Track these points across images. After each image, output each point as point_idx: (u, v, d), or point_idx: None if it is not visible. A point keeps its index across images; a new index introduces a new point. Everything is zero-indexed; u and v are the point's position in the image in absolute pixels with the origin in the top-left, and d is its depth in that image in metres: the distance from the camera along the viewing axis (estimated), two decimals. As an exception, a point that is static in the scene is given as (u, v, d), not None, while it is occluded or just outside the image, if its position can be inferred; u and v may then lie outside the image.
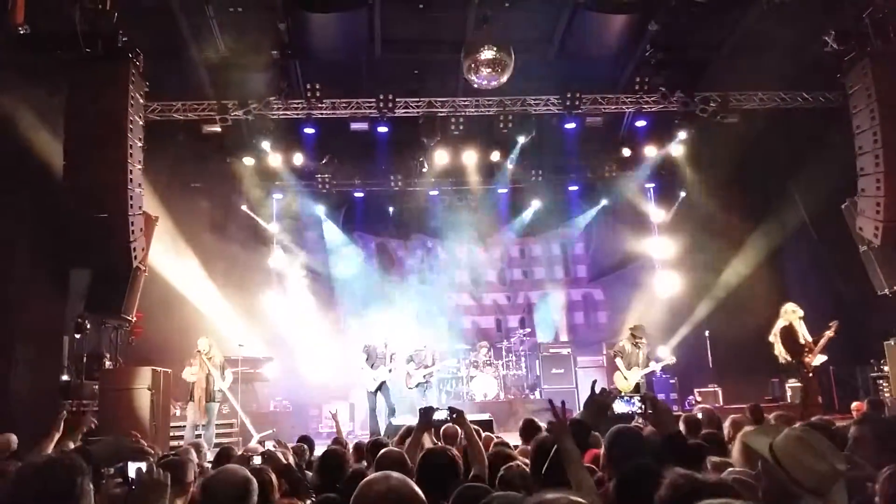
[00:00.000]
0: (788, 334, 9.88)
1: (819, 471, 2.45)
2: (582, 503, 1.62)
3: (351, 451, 5.76)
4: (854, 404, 8.65)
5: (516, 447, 5.43)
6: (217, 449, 6.16)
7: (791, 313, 10.03)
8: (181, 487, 3.51)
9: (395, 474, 2.03)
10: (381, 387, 11.09)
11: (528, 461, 3.71)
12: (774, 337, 10.19)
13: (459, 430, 5.28)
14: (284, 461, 4.64)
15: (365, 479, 2.02)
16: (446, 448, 3.49)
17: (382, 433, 10.07)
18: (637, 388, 10.89)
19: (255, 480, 2.86)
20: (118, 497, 3.11)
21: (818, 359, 9.72)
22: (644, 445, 3.41)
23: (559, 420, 3.12)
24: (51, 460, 2.53)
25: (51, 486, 2.38)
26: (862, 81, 10.35)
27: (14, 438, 5.85)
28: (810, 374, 9.95)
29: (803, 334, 9.90)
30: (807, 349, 9.81)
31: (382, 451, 3.75)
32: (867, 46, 10.33)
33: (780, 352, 10.04)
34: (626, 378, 10.79)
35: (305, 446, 6.35)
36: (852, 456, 3.31)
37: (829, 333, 9.63)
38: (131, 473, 3.13)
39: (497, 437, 6.12)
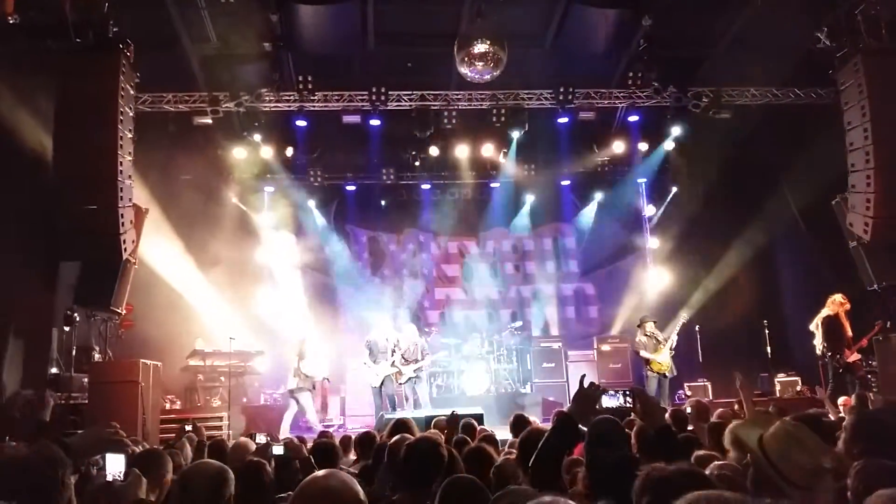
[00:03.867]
0: (832, 325, 9.86)
1: (805, 466, 2.47)
2: None
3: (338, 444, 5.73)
4: (841, 399, 8.69)
5: (506, 441, 5.44)
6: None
7: (839, 304, 10.03)
8: (157, 479, 3.49)
9: (340, 473, 2.01)
10: (384, 382, 11.11)
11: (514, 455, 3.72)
12: (816, 326, 10.19)
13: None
14: (306, 454, 4.62)
15: (310, 476, 2.01)
16: (433, 438, 3.48)
17: (374, 427, 10.07)
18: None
19: (230, 472, 2.85)
20: (100, 489, 3.10)
21: (853, 356, 9.79)
22: (622, 437, 3.43)
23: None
24: (32, 453, 2.50)
25: (32, 479, 2.37)
26: (853, 78, 10.38)
27: None
28: (840, 371, 9.97)
29: (847, 328, 9.91)
30: (847, 344, 9.83)
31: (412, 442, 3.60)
32: (859, 43, 10.37)
33: (820, 342, 10.03)
34: (659, 362, 11.42)
35: (297, 440, 6.34)
36: (839, 450, 3.33)
37: (872, 334, 9.74)
38: (109, 466, 3.11)
39: (487, 431, 6.09)
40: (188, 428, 6.11)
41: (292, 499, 1.94)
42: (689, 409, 6.21)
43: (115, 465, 3.18)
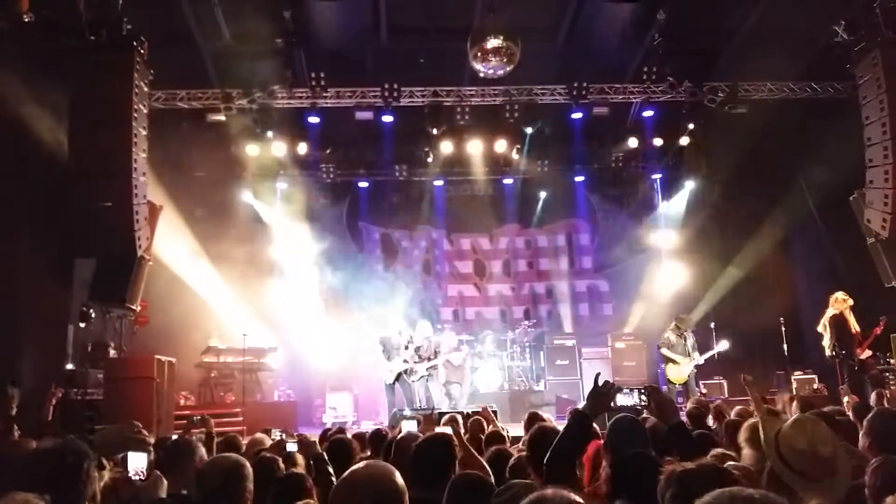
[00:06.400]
0: (839, 324, 9.79)
1: (802, 452, 2.45)
2: (576, 499, 1.59)
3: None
4: (846, 398, 8.60)
5: (518, 438, 5.41)
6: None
7: (842, 302, 9.95)
8: (181, 470, 3.51)
9: (379, 463, 2.11)
10: (399, 378, 11.10)
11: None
12: (823, 328, 10.10)
13: (459, 418, 5.30)
14: (318, 449, 4.61)
15: (352, 467, 2.08)
16: (444, 436, 3.45)
17: (387, 423, 10.07)
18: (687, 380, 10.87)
19: (248, 467, 2.85)
20: (122, 483, 3.12)
21: (865, 353, 9.70)
22: (643, 435, 3.40)
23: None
24: (59, 445, 2.60)
25: (59, 470, 2.46)
26: (872, 72, 10.27)
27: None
28: (856, 368, 9.87)
29: (853, 325, 9.81)
30: (856, 341, 9.73)
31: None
32: (877, 36, 10.25)
33: (829, 343, 9.95)
34: (678, 372, 10.86)
35: (308, 436, 6.32)
36: (848, 444, 3.30)
37: (877, 330, 9.63)
38: (131, 464, 3.12)
39: (496, 428, 6.06)
40: (196, 419, 6.10)
41: (334, 488, 2.03)
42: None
43: (137, 464, 3.19)
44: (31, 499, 1.99)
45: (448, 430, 4.24)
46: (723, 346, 11.23)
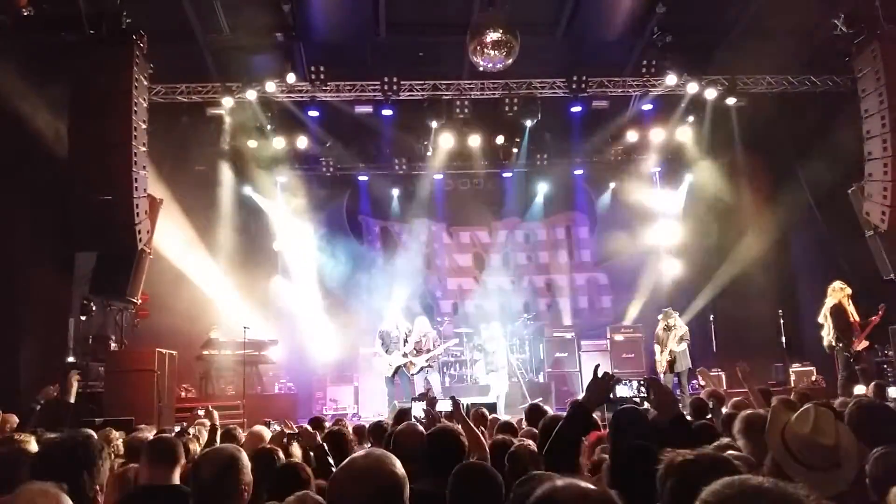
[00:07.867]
0: (839, 313, 9.81)
1: (803, 439, 2.46)
2: (590, 487, 1.61)
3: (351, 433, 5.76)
4: (861, 390, 8.62)
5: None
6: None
7: (840, 291, 9.98)
8: (173, 463, 3.54)
9: (378, 451, 2.09)
10: (398, 371, 11.16)
11: (530, 442, 3.73)
12: (824, 318, 10.11)
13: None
14: (319, 441, 4.64)
15: (350, 456, 2.08)
16: (454, 429, 3.49)
17: (388, 416, 10.12)
18: (671, 368, 11.26)
19: (244, 458, 2.85)
20: None
21: (862, 343, 9.74)
22: (646, 426, 3.42)
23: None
24: (72, 435, 2.71)
25: (73, 460, 2.57)
26: (871, 65, 10.28)
27: (14, 418, 5.92)
28: (851, 360, 9.91)
29: (852, 313, 9.84)
30: (855, 330, 9.76)
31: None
32: (877, 29, 10.26)
33: (830, 333, 9.97)
34: (659, 361, 11.51)
35: (310, 428, 6.35)
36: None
37: (875, 318, 9.66)
38: None
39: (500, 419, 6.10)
40: (200, 413, 6.14)
41: (333, 476, 2.02)
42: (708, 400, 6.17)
43: None
44: (49, 488, 2.02)
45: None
46: (682, 346, 11.49)
